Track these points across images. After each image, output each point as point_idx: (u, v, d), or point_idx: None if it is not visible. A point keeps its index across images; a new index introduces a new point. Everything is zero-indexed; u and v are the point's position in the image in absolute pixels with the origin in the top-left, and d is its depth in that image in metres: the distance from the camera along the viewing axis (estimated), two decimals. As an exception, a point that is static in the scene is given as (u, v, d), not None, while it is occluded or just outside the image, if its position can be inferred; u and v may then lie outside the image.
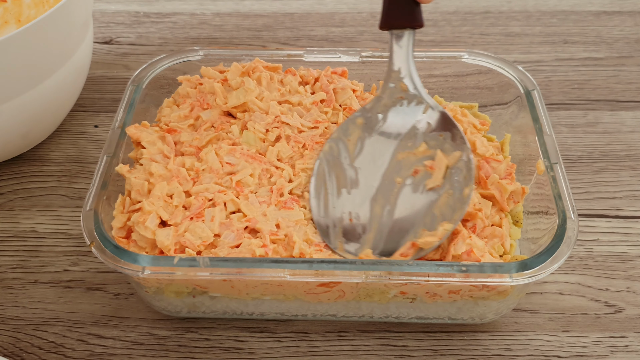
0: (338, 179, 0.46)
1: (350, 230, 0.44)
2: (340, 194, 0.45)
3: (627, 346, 0.45)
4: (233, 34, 0.72)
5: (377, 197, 0.45)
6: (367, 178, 0.45)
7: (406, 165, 0.45)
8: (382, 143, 0.46)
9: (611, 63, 0.67)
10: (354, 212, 0.45)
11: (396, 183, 0.45)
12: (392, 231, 0.44)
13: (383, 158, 0.46)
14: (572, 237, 0.41)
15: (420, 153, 0.45)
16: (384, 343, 0.45)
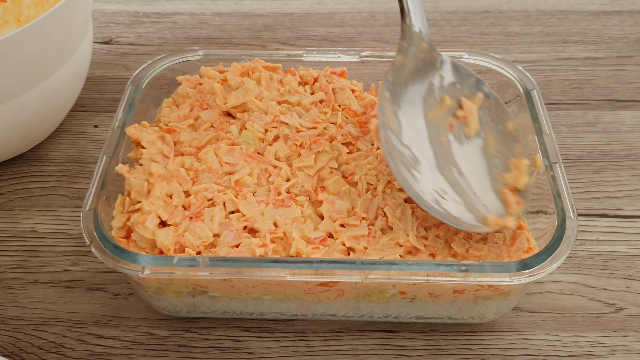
0: (404, 164, 0.43)
1: (452, 207, 0.43)
2: (415, 177, 0.43)
3: (626, 346, 0.45)
4: (233, 33, 0.72)
5: (440, 164, 0.44)
6: (421, 150, 0.44)
7: (441, 124, 0.45)
8: (413, 110, 0.45)
9: (611, 63, 0.67)
10: (437, 188, 0.43)
11: (443, 144, 0.44)
12: (478, 189, 0.43)
13: (420, 124, 0.45)
14: (571, 236, 0.41)
15: (446, 107, 0.45)
16: (384, 343, 0.45)
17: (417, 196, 0.42)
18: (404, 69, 0.45)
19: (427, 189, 0.43)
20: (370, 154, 0.48)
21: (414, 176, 0.43)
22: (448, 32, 0.72)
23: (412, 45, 0.45)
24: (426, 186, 0.43)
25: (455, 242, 0.43)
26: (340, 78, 0.53)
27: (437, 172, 0.44)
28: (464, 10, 0.75)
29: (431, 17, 0.74)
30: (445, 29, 0.72)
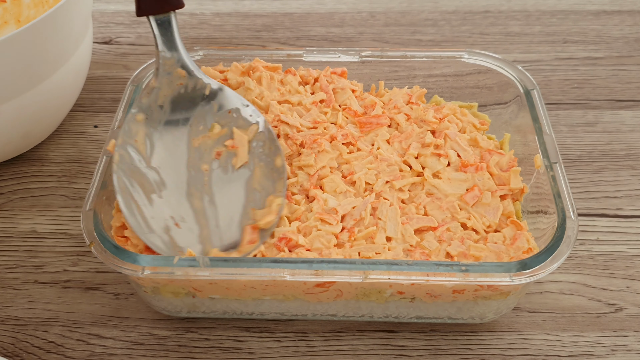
0: (142, 186, 0.42)
1: (183, 236, 0.41)
2: (152, 201, 0.42)
3: (626, 345, 0.45)
4: (232, 33, 0.72)
5: (191, 191, 0.43)
6: (172, 175, 0.43)
7: (206, 150, 0.43)
8: (173, 134, 0.44)
9: (611, 62, 0.67)
10: (175, 215, 0.42)
11: (204, 171, 0.43)
12: (224, 221, 0.42)
13: (180, 149, 0.43)
14: (571, 236, 0.41)
15: (216, 135, 0.44)
16: (384, 343, 0.45)
17: (139, 222, 0.41)
18: (159, 92, 0.45)
19: (161, 215, 0.42)
20: (371, 154, 0.48)
21: (150, 200, 0.42)
22: (448, 32, 0.72)
23: (164, 71, 0.45)
24: (162, 211, 0.42)
25: (452, 246, 0.43)
26: (341, 78, 0.53)
27: (183, 199, 0.42)
28: (463, 10, 0.75)
29: (431, 17, 0.74)
30: (445, 28, 0.72)
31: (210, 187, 0.43)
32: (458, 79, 0.55)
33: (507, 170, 0.47)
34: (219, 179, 0.43)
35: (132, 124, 0.44)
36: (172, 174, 0.43)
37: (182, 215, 0.42)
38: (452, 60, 0.54)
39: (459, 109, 0.52)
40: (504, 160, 0.47)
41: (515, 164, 0.47)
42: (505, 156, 0.48)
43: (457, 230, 0.44)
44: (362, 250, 0.42)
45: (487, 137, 0.50)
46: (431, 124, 0.50)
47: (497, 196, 0.46)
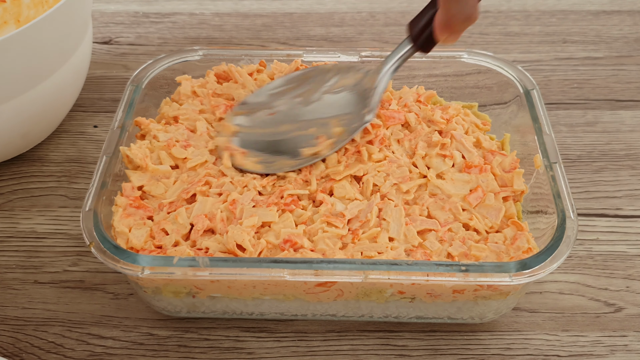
0: (308, 91, 0.50)
1: (260, 116, 0.50)
2: (295, 99, 0.50)
3: (626, 345, 0.45)
4: (232, 33, 0.72)
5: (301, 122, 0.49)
6: (314, 110, 0.50)
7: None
8: (346, 102, 0.50)
9: (610, 62, 0.67)
10: (282, 114, 0.49)
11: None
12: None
13: (334, 110, 0.49)
14: (571, 236, 0.41)
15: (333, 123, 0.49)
16: (384, 343, 0.45)
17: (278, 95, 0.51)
18: (358, 72, 0.51)
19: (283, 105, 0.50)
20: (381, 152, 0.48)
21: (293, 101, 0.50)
22: (448, 32, 0.72)
23: (367, 73, 0.50)
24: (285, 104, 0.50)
25: (453, 246, 0.43)
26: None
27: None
28: (463, 10, 0.75)
29: (431, 17, 0.74)
30: (444, 28, 0.72)
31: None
32: (458, 79, 0.55)
33: (510, 171, 0.47)
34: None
35: (353, 71, 0.51)
36: (316, 109, 0.50)
37: (284, 119, 0.50)
38: (451, 60, 0.54)
39: (462, 109, 0.52)
40: (506, 161, 0.47)
41: (517, 165, 0.47)
42: (508, 157, 0.48)
43: (459, 230, 0.44)
44: (364, 250, 0.42)
45: (489, 138, 0.50)
46: (439, 124, 0.50)
47: (500, 198, 0.46)
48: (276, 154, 0.48)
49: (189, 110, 0.51)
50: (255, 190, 0.45)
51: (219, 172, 0.47)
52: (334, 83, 0.51)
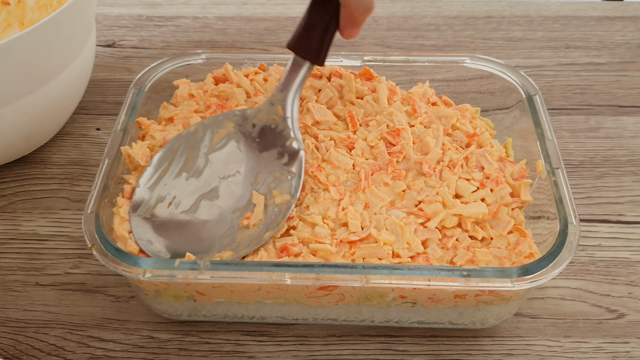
0: (187, 162, 0.46)
1: (160, 214, 0.44)
2: (179, 176, 0.46)
3: (628, 352, 0.45)
4: (235, 37, 0.72)
5: (208, 195, 0.45)
6: (211, 175, 0.46)
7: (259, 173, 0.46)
8: (241, 151, 0.47)
9: (613, 68, 0.67)
10: (178, 198, 0.45)
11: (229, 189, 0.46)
12: (197, 234, 0.44)
13: (234, 165, 0.46)
14: (573, 242, 0.41)
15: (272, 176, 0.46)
16: (385, 347, 0.45)
17: (153, 176, 0.45)
18: (258, 113, 0.48)
19: (171, 188, 0.45)
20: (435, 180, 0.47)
21: (178, 175, 0.46)
22: (450, 37, 0.72)
23: (270, 101, 0.48)
24: (174, 187, 0.45)
25: (458, 256, 0.43)
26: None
27: (197, 195, 0.45)
28: (466, 15, 0.75)
29: (433, 22, 0.74)
30: (447, 34, 0.72)
31: (215, 203, 0.45)
32: (460, 83, 0.55)
33: (518, 179, 0.47)
34: (226, 206, 0.45)
35: (226, 119, 0.48)
36: (211, 174, 0.46)
37: (181, 202, 0.45)
38: (454, 65, 0.54)
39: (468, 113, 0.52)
40: (515, 169, 0.47)
41: (526, 173, 0.47)
42: (517, 165, 0.47)
43: (464, 240, 0.44)
44: (366, 256, 0.42)
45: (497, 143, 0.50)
46: (468, 136, 0.50)
47: (510, 209, 0.46)
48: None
49: (184, 110, 0.51)
50: None
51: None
52: (210, 140, 0.47)
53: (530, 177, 0.48)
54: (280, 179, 0.45)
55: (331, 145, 0.48)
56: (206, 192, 0.45)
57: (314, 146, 0.48)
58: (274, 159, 0.46)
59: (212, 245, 0.43)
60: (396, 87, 0.53)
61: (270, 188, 0.45)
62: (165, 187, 0.45)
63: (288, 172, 0.46)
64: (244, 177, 0.46)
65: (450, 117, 0.51)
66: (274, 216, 0.44)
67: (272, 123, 0.47)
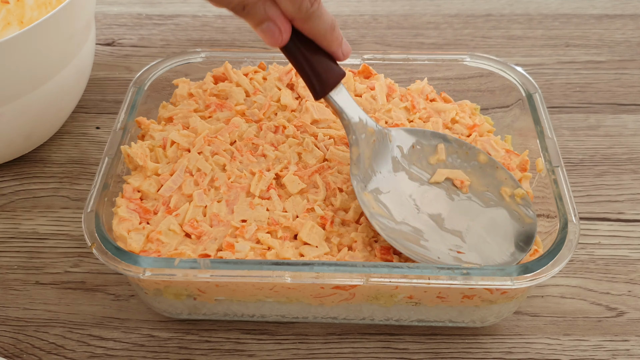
0: (409, 240, 0.43)
1: (470, 257, 0.43)
2: (426, 248, 0.43)
3: (628, 350, 0.45)
4: (235, 36, 0.72)
5: (441, 224, 0.44)
6: (418, 220, 0.44)
7: (437, 194, 0.45)
8: (390, 189, 0.45)
9: (613, 66, 0.67)
10: (452, 246, 0.43)
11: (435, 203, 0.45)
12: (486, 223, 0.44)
13: (403, 199, 0.44)
14: (573, 240, 0.41)
15: (432, 179, 0.45)
16: (385, 346, 0.45)
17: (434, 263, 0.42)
18: (363, 157, 0.45)
19: (442, 252, 0.43)
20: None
21: (424, 247, 0.43)
22: (450, 36, 0.72)
23: (360, 135, 0.45)
24: (440, 250, 0.43)
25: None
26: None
27: (442, 232, 0.44)
28: (466, 14, 0.75)
29: (433, 20, 0.74)
30: (447, 32, 0.72)
31: (451, 212, 0.44)
32: (460, 82, 0.55)
33: (522, 171, 0.48)
34: (451, 204, 0.45)
35: (361, 195, 0.44)
36: (416, 220, 0.44)
37: (454, 244, 0.43)
38: (454, 64, 0.54)
39: (468, 109, 0.52)
40: (517, 160, 0.48)
41: (527, 166, 0.47)
42: (519, 157, 0.48)
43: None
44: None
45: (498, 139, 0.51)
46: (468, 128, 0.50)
47: None
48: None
49: (183, 109, 0.51)
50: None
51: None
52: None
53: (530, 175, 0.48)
54: (421, 157, 0.46)
55: (331, 144, 0.48)
56: (448, 222, 0.44)
57: (313, 145, 0.48)
58: (402, 157, 0.46)
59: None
60: (395, 85, 0.53)
61: None
62: (440, 257, 0.42)
63: (412, 146, 0.46)
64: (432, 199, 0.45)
65: (449, 112, 0.51)
66: None
67: (375, 145, 0.45)
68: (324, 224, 0.44)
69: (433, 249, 0.43)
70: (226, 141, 0.48)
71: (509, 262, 0.42)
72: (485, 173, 0.46)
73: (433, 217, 0.44)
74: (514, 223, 0.44)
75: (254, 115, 0.51)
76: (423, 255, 0.42)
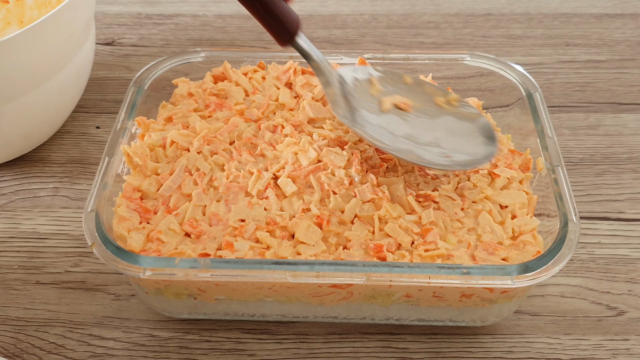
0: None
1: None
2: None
3: (628, 349, 0.45)
4: (235, 35, 0.72)
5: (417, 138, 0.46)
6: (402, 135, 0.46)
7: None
8: (370, 121, 0.47)
9: (613, 65, 0.67)
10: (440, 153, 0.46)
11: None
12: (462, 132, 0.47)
13: (383, 124, 0.46)
14: (573, 239, 0.41)
15: (384, 108, 0.47)
16: (385, 345, 0.45)
17: (446, 165, 0.45)
18: (338, 97, 0.47)
19: (437, 158, 0.45)
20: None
21: (420, 157, 0.45)
22: (450, 35, 0.72)
23: (329, 76, 0.47)
24: (434, 158, 0.45)
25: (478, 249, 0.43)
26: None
27: (423, 147, 0.46)
28: (465, 13, 0.75)
29: (433, 20, 0.74)
30: (447, 31, 0.72)
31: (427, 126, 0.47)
32: (460, 81, 0.55)
33: (524, 171, 0.48)
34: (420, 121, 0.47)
35: (357, 130, 0.46)
36: (400, 142, 0.46)
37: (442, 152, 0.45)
38: (454, 63, 0.54)
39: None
40: (520, 160, 0.48)
41: (530, 165, 0.47)
42: (523, 155, 0.48)
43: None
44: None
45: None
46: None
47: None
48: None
49: (183, 109, 0.51)
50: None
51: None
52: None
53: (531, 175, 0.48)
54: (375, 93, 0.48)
55: (325, 145, 0.48)
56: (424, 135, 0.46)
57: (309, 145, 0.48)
58: (360, 92, 0.48)
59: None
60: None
61: None
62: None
63: (370, 79, 0.49)
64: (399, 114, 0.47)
65: None
66: None
67: (340, 85, 0.47)
68: (321, 223, 0.44)
69: (429, 158, 0.45)
70: (225, 141, 0.48)
71: (491, 151, 0.45)
72: (416, 91, 0.48)
73: (408, 138, 0.46)
74: (466, 122, 0.47)
75: (253, 115, 0.51)
76: (435, 163, 0.44)
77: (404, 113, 0.47)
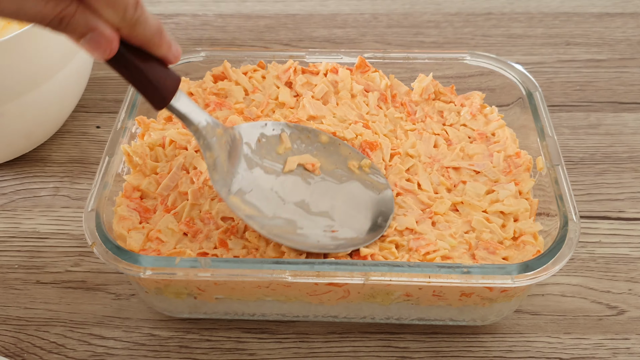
0: (287, 231, 0.44)
1: (344, 233, 0.44)
2: (305, 236, 0.44)
3: (628, 348, 0.45)
4: (235, 35, 0.72)
5: (310, 209, 0.45)
6: (288, 212, 0.45)
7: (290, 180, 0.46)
8: (255, 187, 0.45)
9: (613, 65, 0.67)
10: (325, 227, 0.44)
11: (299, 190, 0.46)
12: (351, 200, 0.46)
13: (269, 193, 0.45)
14: (573, 239, 0.41)
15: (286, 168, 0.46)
16: (385, 344, 0.45)
17: (316, 247, 0.43)
18: (219, 161, 0.43)
19: (319, 235, 0.43)
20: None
21: (302, 235, 0.43)
22: (450, 34, 0.72)
23: (211, 138, 0.42)
24: (316, 233, 0.44)
25: (479, 248, 0.43)
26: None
27: (311, 216, 0.44)
28: (466, 12, 0.75)
29: (433, 19, 0.74)
30: (447, 30, 0.72)
31: (318, 194, 0.46)
32: (460, 80, 0.55)
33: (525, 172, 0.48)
34: (311, 187, 0.46)
35: (228, 200, 0.43)
36: (287, 211, 0.45)
37: (327, 225, 0.44)
38: (454, 62, 0.54)
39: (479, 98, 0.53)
40: (520, 161, 0.48)
41: (530, 165, 0.47)
42: (522, 157, 0.48)
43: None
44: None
45: None
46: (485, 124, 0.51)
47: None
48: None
49: None
50: None
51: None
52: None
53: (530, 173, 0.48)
54: (268, 152, 0.47)
55: None
56: (315, 206, 0.45)
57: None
58: (251, 153, 0.46)
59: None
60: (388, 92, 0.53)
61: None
62: (319, 240, 0.43)
63: (258, 140, 0.46)
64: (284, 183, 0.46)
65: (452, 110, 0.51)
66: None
67: (226, 146, 0.44)
68: None
69: (310, 234, 0.44)
70: None
71: (377, 233, 0.44)
72: (330, 152, 0.47)
73: (299, 205, 0.45)
74: (370, 192, 0.46)
75: (253, 113, 0.51)
76: (305, 243, 0.43)
77: (308, 174, 0.46)
